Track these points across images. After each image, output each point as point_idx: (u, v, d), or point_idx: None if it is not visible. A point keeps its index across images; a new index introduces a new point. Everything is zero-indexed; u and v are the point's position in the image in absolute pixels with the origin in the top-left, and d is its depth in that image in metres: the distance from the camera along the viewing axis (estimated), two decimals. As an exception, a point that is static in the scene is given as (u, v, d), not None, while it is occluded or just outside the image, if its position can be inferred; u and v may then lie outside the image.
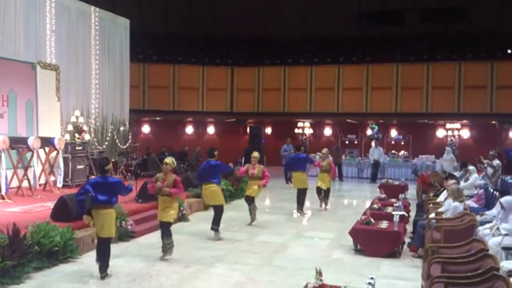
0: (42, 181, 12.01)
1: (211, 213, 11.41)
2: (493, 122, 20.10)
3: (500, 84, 19.04)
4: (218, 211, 8.97)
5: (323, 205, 12.30)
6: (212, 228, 8.87)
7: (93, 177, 12.47)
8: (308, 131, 23.21)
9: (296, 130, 23.01)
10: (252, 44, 23.30)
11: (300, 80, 21.25)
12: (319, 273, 4.79)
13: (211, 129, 23.79)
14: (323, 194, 12.23)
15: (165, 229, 7.46)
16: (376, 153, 18.53)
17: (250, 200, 10.13)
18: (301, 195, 11.41)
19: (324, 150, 12.68)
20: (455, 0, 22.32)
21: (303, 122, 22.93)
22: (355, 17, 23.45)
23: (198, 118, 22.95)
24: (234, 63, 22.26)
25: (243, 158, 17.54)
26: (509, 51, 20.52)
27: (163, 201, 7.51)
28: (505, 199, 6.96)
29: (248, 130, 23.17)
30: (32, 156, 11.42)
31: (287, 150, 18.38)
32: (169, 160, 7.59)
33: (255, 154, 10.49)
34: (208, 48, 22.96)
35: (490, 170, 11.85)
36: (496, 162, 11.96)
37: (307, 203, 12.10)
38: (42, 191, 11.47)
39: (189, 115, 22.21)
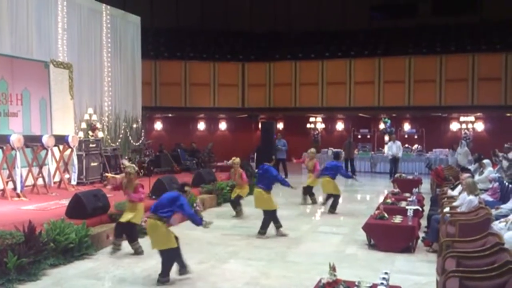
0: (57, 179, 12.14)
1: (223, 209, 11.51)
2: (508, 114, 19.83)
3: (515, 75, 18.76)
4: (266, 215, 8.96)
5: (308, 201, 12.34)
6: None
7: (107, 174, 12.63)
8: (320, 125, 23.12)
9: (308, 125, 22.95)
10: (263, 39, 23.24)
11: (311, 74, 21.14)
12: (332, 268, 4.78)
13: (223, 125, 23.83)
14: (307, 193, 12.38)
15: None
16: (394, 147, 17.72)
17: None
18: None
19: (311, 150, 12.71)
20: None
21: (315, 117, 22.84)
22: (367, 10, 23.26)
23: (210, 114, 22.99)
24: (245, 59, 22.23)
25: (255, 154, 17.53)
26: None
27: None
28: None
29: (260, 125, 23.16)
30: (46, 154, 11.54)
31: (279, 145, 18.07)
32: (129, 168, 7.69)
33: (312, 150, 12.52)
34: (219, 44, 22.96)
35: (505, 163, 11.71)
36: (512, 154, 11.81)
37: (319, 198, 12.08)
38: (56, 189, 11.60)
39: (201, 111, 22.26)
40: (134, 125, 17.05)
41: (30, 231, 6.49)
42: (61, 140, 11.82)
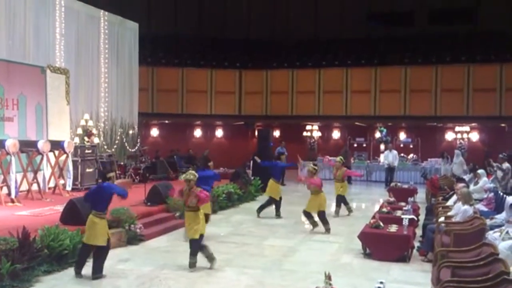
0: (52, 184, 12.09)
1: (218, 216, 11.47)
2: (503, 125, 19.93)
3: (509, 87, 18.86)
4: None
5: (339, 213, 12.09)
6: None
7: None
8: (317, 134, 23.16)
9: (305, 133, 22.97)
10: (260, 47, 23.31)
11: (308, 83, 21.22)
12: (328, 277, 4.78)
13: (219, 132, 23.83)
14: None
15: (193, 245, 7.17)
16: (390, 156, 17.85)
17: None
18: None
19: (338, 159, 12.51)
20: (464, 1, 22.25)
21: (312, 125, 22.88)
22: (364, 19, 23.41)
23: (207, 121, 22.99)
24: (242, 66, 22.29)
25: (251, 162, 17.52)
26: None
27: (188, 217, 7.27)
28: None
29: (256, 133, 23.17)
30: (41, 159, 11.51)
31: (280, 152, 18.20)
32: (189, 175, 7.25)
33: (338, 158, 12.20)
34: (216, 51, 23.01)
35: (500, 173, 11.75)
36: (506, 165, 11.87)
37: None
38: (51, 195, 11.54)
39: (198, 118, 22.26)
40: (130, 131, 17.02)
41: (24, 237, 6.46)
42: (56, 145, 11.78)
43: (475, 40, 21.18)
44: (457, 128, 21.26)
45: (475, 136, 21.39)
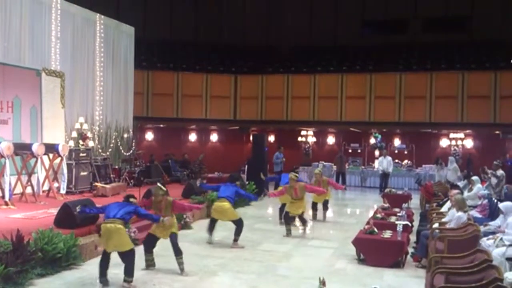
0: (46, 187, 12.03)
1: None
2: (497, 132, 20.06)
3: (503, 94, 19.01)
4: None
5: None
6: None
7: (97, 184, 12.57)
8: (311, 139, 23.21)
9: (299, 139, 23.02)
10: (256, 52, 23.38)
11: (303, 88, 21.28)
12: (322, 283, 4.78)
13: (214, 137, 23.83)
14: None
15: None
16: (385, 162, 17.88)
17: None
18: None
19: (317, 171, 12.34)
20: (458, 10, 22.42)
21: (306, 131, 22.94)
22: (359, 26, 23.56)
23: (202, 126, 22.99)
24: (237, 71, 22.33)
25: (246, 167, 17.53)
26: (512, 61, 20.55)
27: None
28: (503, 204, 7.22)
29: (251, 138, 23.20)
30: (36, 162, 11.45)
31: (279, 158, 18.27)
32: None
33: (292, 175, 10.22)
34: (212, 56, 23.05)
35: (494, 180, 11.82)
36: (500, 172, 11.94)
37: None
38: (45, 198, 11.48)
39: (193, 122, 22.26)
40: (125, 135, 16.99)
41: (18, 240, 6.42)
42: (51, 148, 11.74)
43: (470, 48, 21.35)
44: (452, 135, 21.38)
45: (469, 143, 21.50)
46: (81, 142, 13.43)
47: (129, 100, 17.53)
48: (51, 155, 11.92)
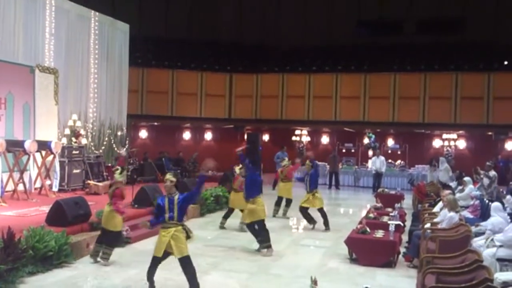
0: (38, 185, 11.98)
1: (206, 219, 11.46)
2: (490, 133, 20.17)
3: (496, 95, 19.10)
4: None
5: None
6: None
7: (89, 181, 12.52)
8: (306, 139, 23.23)
9: (294, 138, 23.03)
10: (251, 51, 23.35)
11: (298, 87, 21.29)
12: (314, 282, 4.80)
13: (208, 135, 23.79)
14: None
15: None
16: (378, 162, 17.98)
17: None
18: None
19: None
20: (452, 11, 22.53)
21: (301, 130, 22.95)
22: (354, 26, 23.60)
23: (196, 124, 22.95)
24: (232, 70, 22.30)
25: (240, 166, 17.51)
26: (505, 62, 20.65)
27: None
28: (494, 204, 7.50)
29: (245, 136, 23.19)
30: (28, 159, 11.40)
31: (280, 157, 18.28)
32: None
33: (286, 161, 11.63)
34: (207, 54, 23.00)
35: (486, 181, 11.89)
36: (493, 173, 12.02)
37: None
38: (37, 195, 11.43)
39: (187, 120, 22.21)
40: (119, 133, 16.93)
41: (9, 237, 6.38)
42: (43, 145, 11.67)
43: (463, 49, 21.44)
44: (444, 135, 21.46)
45: (462, 144, 21.61)
46: (74, 139, 13.38)
47: (123, 97, 17.47)
48: (43, 152, 11.86)
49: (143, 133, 22.96)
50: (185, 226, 6.14)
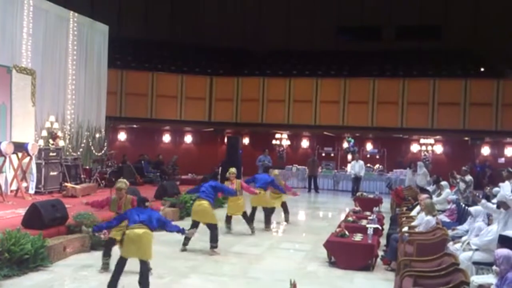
0: (14, 187, 11.76)
1: (186, 223, 11.33)
2: (466, 138, 20.54)
3: (473, 101, 19.46)
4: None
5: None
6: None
7: (66, 184, 12.35)
8: (286, 142, 23.30)
9: (274, 142, 23.09)
10: (232, 54, 23.36)
11: (278, 91, 21.35)
12: (293, 285, 4.80)
13: (188, 138, 23.67)
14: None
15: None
16: (357, 166, 18.12)
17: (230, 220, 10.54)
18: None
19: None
20: (431, 18, 22.95)
21: (281, 134, 23.03)
22: (334, 32, 23.85)
23: (176, 127, 22.82)
24: (213, 73, 22.27)
25: (220, 169, 17.48)
26: (482, 69, 21.09)
27: None
28: (474, 208, 7.55)
29: (225, 140, 23.15)
30: (4, 161, 11.19)
31: (262, 161, 18.33)
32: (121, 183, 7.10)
33: (233, 170, 10.47)
34: (187, 57, 22.92)
35: (462, 185, 12.09)
36: (469, 177, 12.22)
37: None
38: (13, 198, 11.22)
39: (167, 123, 22.07)
40: (97, 135, 16.73)
41: (-17, 240, 6.26)
42: (20, 147, 11.48)
43: (441, 56, 21.83)
44: (422, 140, 21.78)
45: (439, 149, 21.95)
46: (51, 141, 13.18)
47: (102, 99, 17.28)
48: (20, 154, 11.66)
49: (122, 136, 22.72)
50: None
